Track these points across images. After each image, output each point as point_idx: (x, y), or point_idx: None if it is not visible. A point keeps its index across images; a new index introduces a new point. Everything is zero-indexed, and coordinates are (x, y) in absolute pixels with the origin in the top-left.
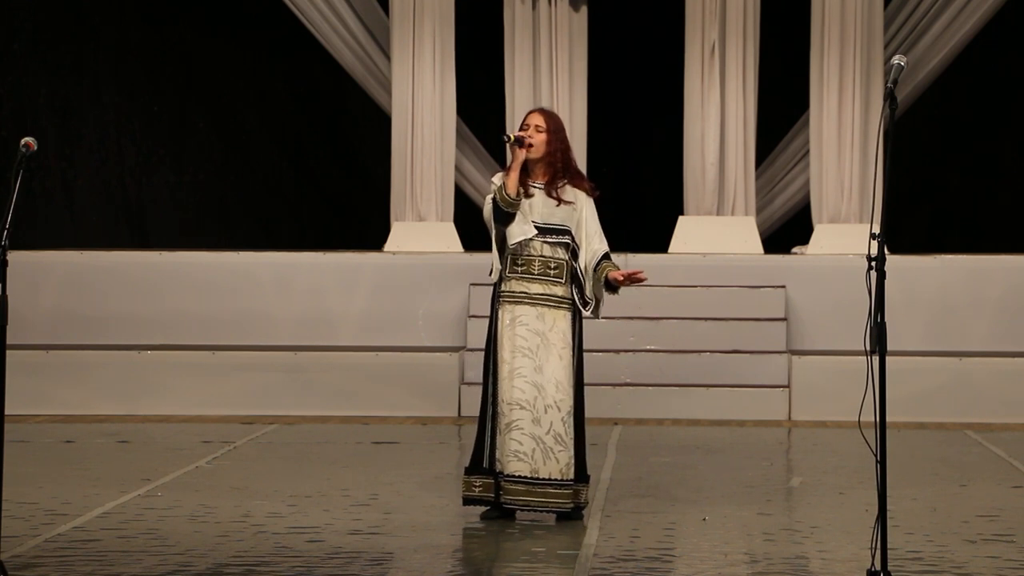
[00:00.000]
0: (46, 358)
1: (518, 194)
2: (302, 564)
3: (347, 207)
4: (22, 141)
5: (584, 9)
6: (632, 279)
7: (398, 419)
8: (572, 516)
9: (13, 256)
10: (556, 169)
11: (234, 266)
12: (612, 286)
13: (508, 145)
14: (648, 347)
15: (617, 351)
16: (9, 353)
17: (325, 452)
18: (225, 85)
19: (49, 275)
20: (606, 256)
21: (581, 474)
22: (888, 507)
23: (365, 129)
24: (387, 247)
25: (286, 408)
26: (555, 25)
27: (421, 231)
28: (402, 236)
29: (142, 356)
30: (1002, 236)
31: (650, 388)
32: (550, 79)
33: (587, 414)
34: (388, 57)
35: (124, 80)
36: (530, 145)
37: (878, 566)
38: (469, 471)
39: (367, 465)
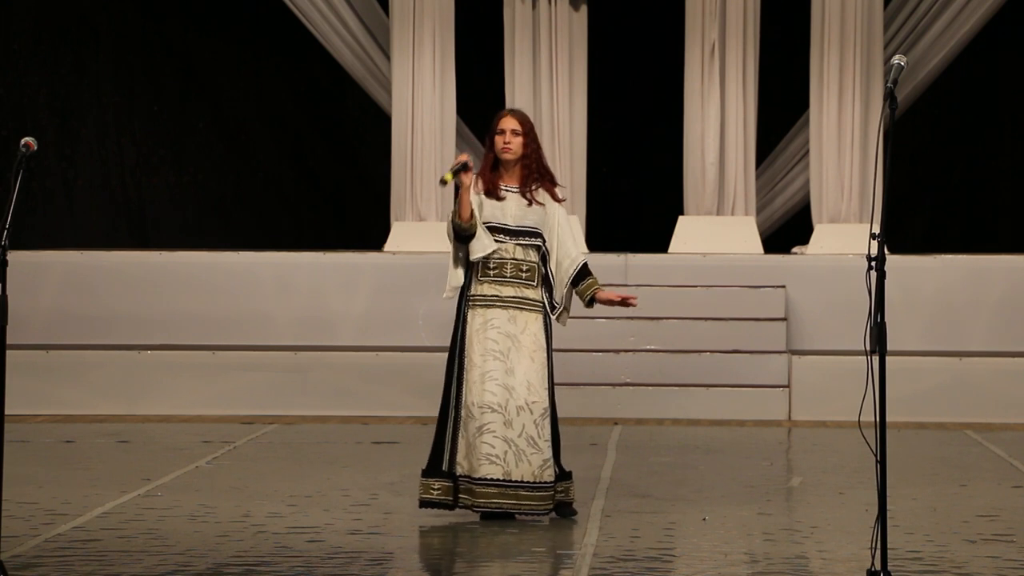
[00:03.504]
0: (46, 358)
1: (471, 216)
2: (302, 564)
3: (347, 207)
4: (22, 141)
5: (584, 9)
6: (624, 303)
7: (398, 419)
8: (566, 514)
9: (13, 256)
10: (531, 171)
11: (234, 266)
12: (591, 300)
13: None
14: (648, 347)
15: (617, 351)
16: (9, 353)
17: (325, 452)
18: (225, 85)
19: (49, 275)
20: (586, 267)
21: (561, 473)
22: (888, 507)
23: (365, 129)
24: (387, 247)
25: (286, 408)
26: (555, 25)
27: (421, 231)
28: (402, 236)
29: (142, 356)
30: (1002, 236)
31: (650, 388)
32: (550, 79)
33: (587, 414)
34: (388, 57)
35: (124, 80)
36: (468, 170)
37: (878, 566)
38: (427, 473)
39: (367, 465)
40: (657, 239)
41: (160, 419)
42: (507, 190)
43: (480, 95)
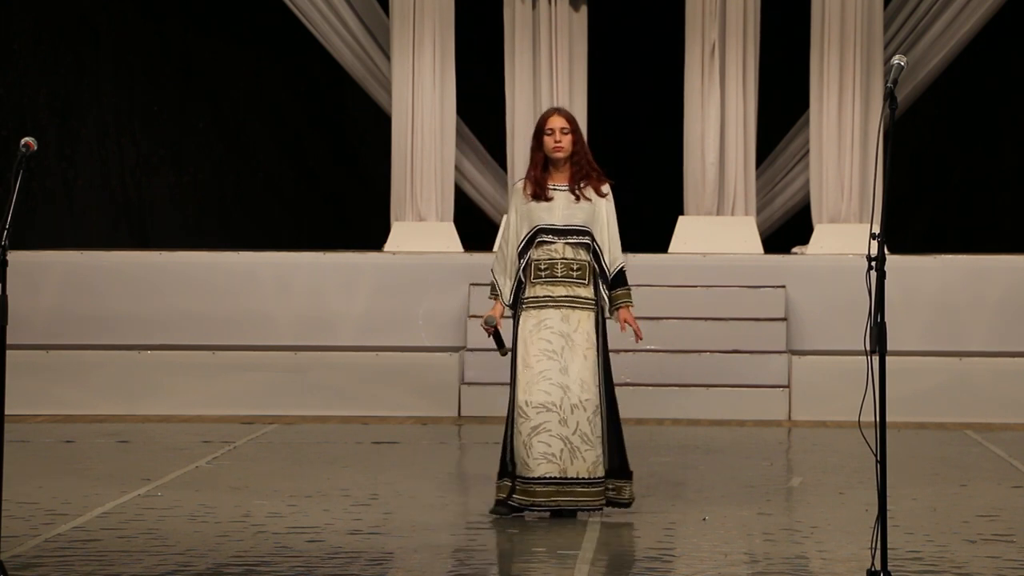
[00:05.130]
0: (46, 358)
1: (505, 302)
2: (302, 564)
3: (347, 207)
4: (22, 141)
5: (584, 9)
6: (635, 333)
7: (398, 419)
8: (598, 510)
9: (13, 256)
10: (580, 167)
11: (234, 266)
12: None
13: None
14: (648, 347)
15: (617, 351)
16: (9, 353)
17: (325, 452)
18: (225, 85)
19: (49, 275)
20: (622, 275)
21: (622, 470)
22: (888, 507)
23: (365, 129)
24: (387, 247)
25: (286, 408)
26: (555, 25)
27: (421, 231)
28: (402, 236)
29: (142, 356)
30: (1002, 236)
31: (650, 388)
32: (550, 79)
33: None
34: (388, 57)
35: (124, 80)
36: (496, 323)
37: (878, 566)
38: (499, 475)
39: (367, 465)
40: (657, 239)
41: (160, 419)
42: (555, 189)
43: (480, 95)
